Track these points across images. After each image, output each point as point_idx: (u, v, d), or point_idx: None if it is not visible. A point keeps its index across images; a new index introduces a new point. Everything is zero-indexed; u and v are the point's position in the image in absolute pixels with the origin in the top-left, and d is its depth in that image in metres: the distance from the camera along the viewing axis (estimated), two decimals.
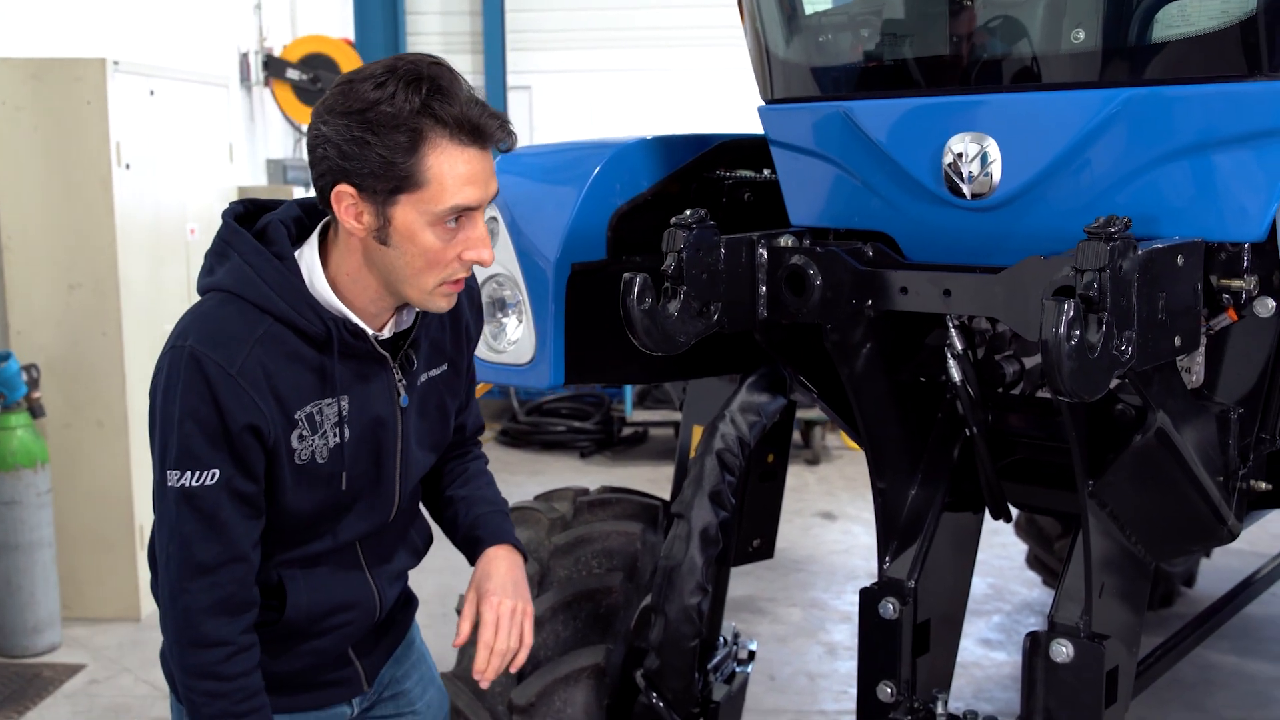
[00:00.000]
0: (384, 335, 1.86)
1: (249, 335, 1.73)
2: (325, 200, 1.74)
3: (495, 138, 1.73)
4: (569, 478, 7.13)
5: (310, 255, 1.81)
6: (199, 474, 1.71)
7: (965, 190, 2.14)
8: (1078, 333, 1.70)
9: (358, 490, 1.88)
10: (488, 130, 1.71)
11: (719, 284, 2.24)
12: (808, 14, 2.41)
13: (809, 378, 2.54)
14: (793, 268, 2.27)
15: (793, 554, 5.79)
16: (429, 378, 1.96)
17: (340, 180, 1.69)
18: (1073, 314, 1.69)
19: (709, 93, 8.54)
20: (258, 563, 1.80)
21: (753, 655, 3.23)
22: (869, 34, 2.36)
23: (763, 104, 2.48)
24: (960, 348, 2.28)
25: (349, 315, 1.80)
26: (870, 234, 2.35)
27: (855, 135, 2.28)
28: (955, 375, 2.29)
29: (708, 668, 3.01)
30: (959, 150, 2.13)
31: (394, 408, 1.89)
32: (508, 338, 2.68)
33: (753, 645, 3.25)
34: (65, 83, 4.81)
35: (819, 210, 2.43)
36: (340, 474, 1.84)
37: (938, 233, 2.24)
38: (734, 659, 3.15)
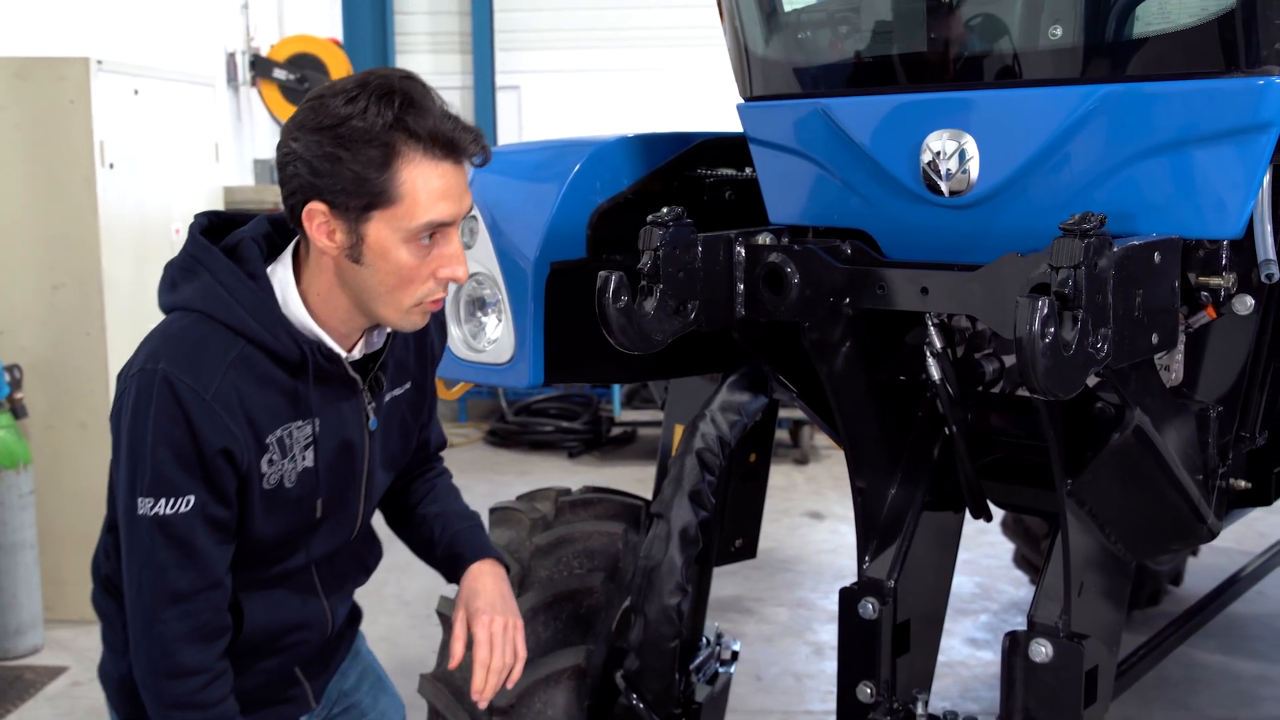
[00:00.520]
0: (355, 356, 1.83)
1: (223, 358, 1.68)
2: (296, 219, 1.70)
3: (469, 152, 1.70)
4: (557, 478, 7.11)
5: (284, 274, 1.77)
6: (173, 501, 1.67)
7: (943, 188, 2.12)
8: (1052, 330, 1.69)
9: (325, 513, 1.85)
10: (461, 144, 1.68)
11: (696, 282, 2.23)
12: (786, 11, 2.40)
13: (788, 377, 2.53)
14: (770, 266, 2.26)
15: (780, 554, 5.78)
16: (393, 397, 1.93)
17: (312, 198, 1.66)
18: (1047, 311, 1.68)
19: (699, 93, 8.51)
20: (230, 588, 1.77)
21: (736, 656, 3.21)
22: (847, 31, 2.35)
23: (741, 101, 2.47)
24: (939, 346, 2.27)
25: (323, 338, 1.76)
26: (849, 232, 2.34)
27: (833, 132, 2.26)
28: (934, 374, 2.27)
29: (690, 668, 2.99)
30: (937, 147, 2.12)
31: (363, 431, 1.86)
32: (487, 337, 2.66)
33: (736, 645, 3.23)
34: (49, 82, 4.79)
35: (798, 208, 2.42)
36: (306, 498, 1.81)
37: (916, 231, 2.23)
38: (717, 659, 3.13)
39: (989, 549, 5.53)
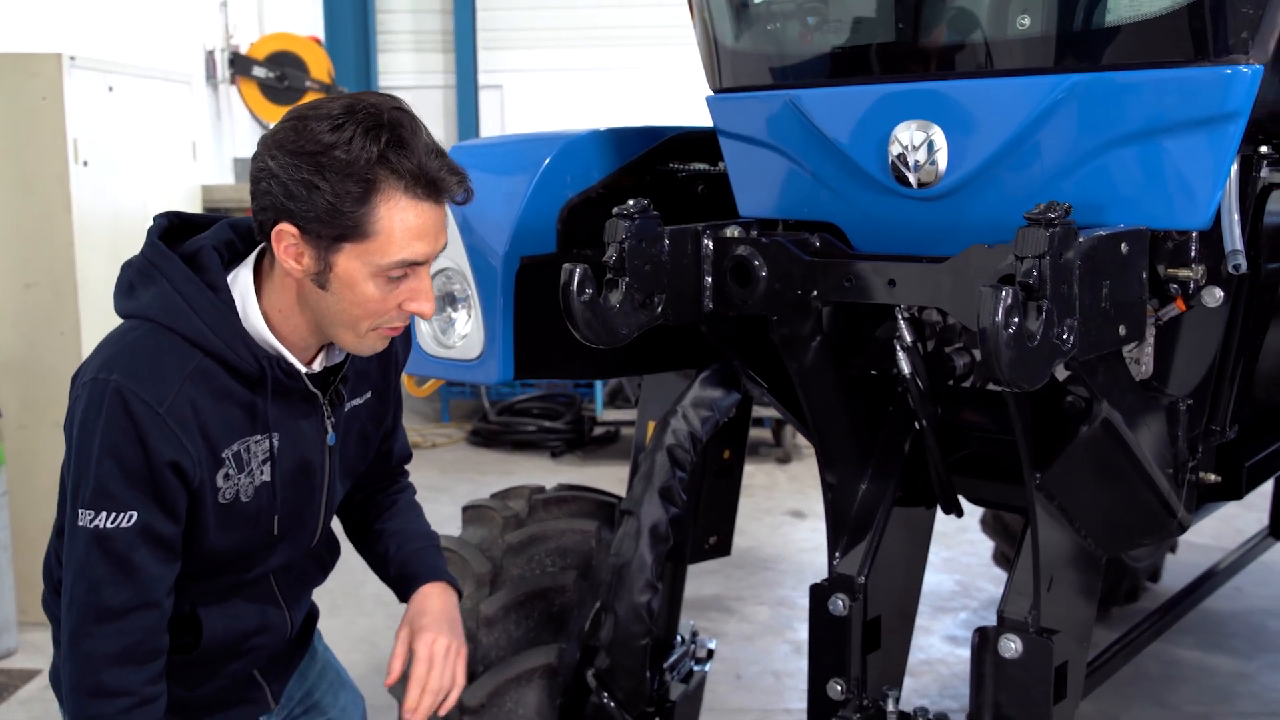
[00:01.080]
0: (315, 370, 1.79)
1: (179, 372, 1.64)
2: (265, 234, 1.65)
3: (452, 192, 1.65)
4: (540, 477, 7.08)
5: (245, 284, 1.72)
6: (114, 515, 1.62)
7: (911, 179, 2.11)
8: (1016, 320, 1.67)
9: (283, 528, 1.82)
10: (445, 185, 1.64)
11: (663, 275, 2.21)
12: (755, 2, 2.38)
13: (758, 372, 2.51)
14: (738, 258, 2.24)
15: (761, 552, 5.76)
16: (352, 406, 1.90)
17: (283, 219, 1.61)
18: (1010, 301, 1.66)
19: (683, 91, 8.48)
20: (170, 610, 1.72)
21: (711, 654, 3.19)
22: (815, 22, 2.33)
23: (711, 94, 2.45)
24: (910, 340, 2.25)
25: (283, 353, 1.73)
26: (819, 225, 2.32)
27: (802, 124, 2.25)
28: (905, 368, 2.26)
29: (664, 666, 2.97)
30: (905, 139, 2.10)
31: (322, 446, 1.83)
32: (456, 332, 2.63)
33: (712, 644, 3.21)
34: (20, 78, 4.74)
35: (767, 201, 2.40)
36: (263, 512, 1.77)
37: (885, 223, 2.21)
38: (692, 658, 3.11)
39: (968, 547, 5.52)
